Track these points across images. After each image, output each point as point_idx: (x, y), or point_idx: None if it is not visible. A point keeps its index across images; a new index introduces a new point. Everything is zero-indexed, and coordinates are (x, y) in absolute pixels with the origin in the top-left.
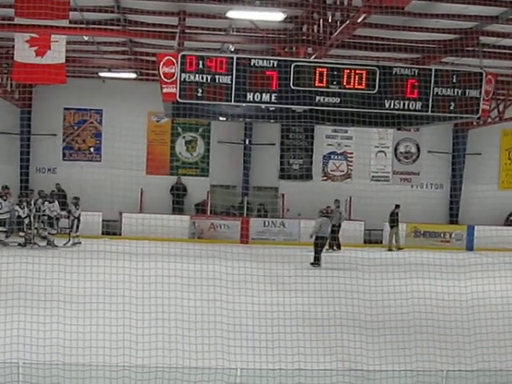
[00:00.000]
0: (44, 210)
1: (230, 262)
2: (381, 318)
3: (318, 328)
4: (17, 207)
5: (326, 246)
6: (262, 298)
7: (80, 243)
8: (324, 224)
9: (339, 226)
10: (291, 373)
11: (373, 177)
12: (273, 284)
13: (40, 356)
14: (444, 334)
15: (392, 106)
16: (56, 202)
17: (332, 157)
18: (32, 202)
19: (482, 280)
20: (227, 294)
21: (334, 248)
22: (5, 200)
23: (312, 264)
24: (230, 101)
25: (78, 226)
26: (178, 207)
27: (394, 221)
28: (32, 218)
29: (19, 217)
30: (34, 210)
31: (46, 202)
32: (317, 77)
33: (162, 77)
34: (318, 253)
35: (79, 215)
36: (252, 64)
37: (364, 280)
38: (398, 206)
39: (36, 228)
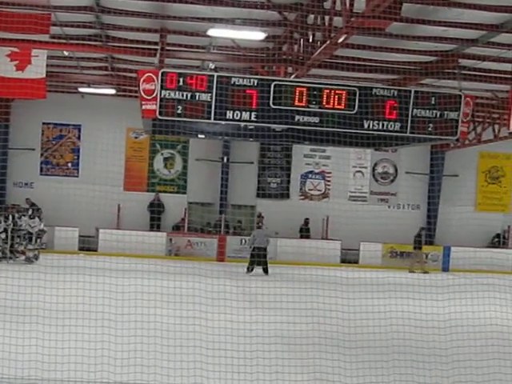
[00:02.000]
0: (21, 225)
1: (207, 280)
2: (358, 338)
3: (296, 346)
4: None
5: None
6: (240, 315)
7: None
8: (257, 235)
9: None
10: None
11: (350, 196)
12: (251, 302)
13: (18, 371)
14: (422, 353)
15: (371, 127)
16: (37, 218)
17: (310, 176)
18: (10, 217)
19: (460, 301)
20: (206, 311)
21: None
22: None
23: (246, 272)
24: (210, 118)
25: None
26: (155, 224)
27: (419, 242)
28: (9, 233)
29: None
30: (12, 225)
31: (26, 217)
32: (297, 96)
33: (142, 93)
34: (251, 262)
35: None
36: (232, 82)
37: (342, 299)
38: (423, 229)
39: (12, 243)
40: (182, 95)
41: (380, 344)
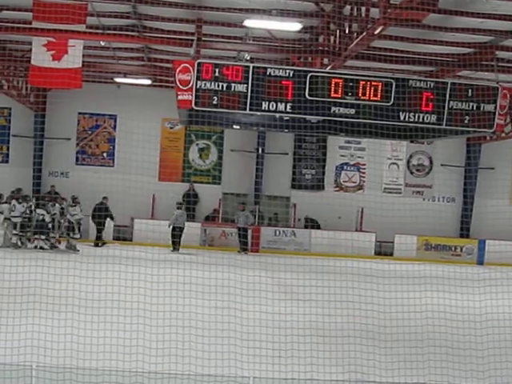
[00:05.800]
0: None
1: (242, 270)
2: (394, 330)
3: (330, 338)
4: (41, 211)
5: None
6: (275, 307)
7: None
8: (179, 216)
9: (245, 230)
10: (304, 382)
11: (385, 189)
12: (287, 294)
13: (53, 359)
14: (457, 347)
15: (407, 119)
16: (77, 207)
17: (345, 168)
18: (58, 206)
19: (496, 295)
20: (241, 302)
21: (239, 251)
22: (20, 203)
23: (172, 250)
24: (245, 109)
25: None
26: (190, 214)
27: None
28: (58, 222)
29: (43, 220)
30: (59, 215)
31: (69, 207)
32: (332, 87)
33: (178, 84)
34: (175, 242)
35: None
36: (268, 73)
37: (378, 291)
38: None
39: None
40: (218, 86)
41: (415, 337)
